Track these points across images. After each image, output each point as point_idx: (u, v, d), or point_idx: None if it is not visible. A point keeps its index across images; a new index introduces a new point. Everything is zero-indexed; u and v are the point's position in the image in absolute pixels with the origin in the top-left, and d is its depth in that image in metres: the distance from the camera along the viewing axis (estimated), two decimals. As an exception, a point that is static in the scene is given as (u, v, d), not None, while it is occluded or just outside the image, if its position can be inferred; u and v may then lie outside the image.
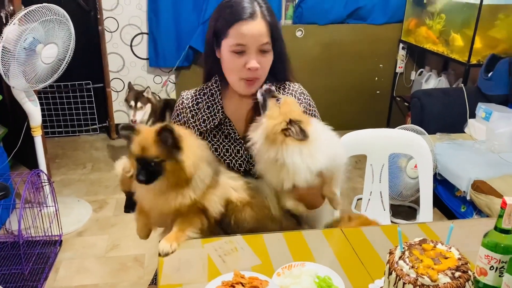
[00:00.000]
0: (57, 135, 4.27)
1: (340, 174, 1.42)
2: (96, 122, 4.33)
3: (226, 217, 1.34)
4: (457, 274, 0.91)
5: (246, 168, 1.48)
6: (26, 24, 2.43)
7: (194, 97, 1.50)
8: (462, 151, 2.85)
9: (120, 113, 4.25)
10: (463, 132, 3.16)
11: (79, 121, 4.31)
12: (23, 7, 2.81)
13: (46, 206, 2.68)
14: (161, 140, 1.18)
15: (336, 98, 4.26)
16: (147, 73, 4.13)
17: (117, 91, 4.22)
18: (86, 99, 4.23)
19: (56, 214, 2.67)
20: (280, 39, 1.43)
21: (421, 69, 4.15)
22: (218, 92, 1.47)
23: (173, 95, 4.20)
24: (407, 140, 1.95)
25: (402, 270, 0.93)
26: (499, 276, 1.03)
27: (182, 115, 1.49)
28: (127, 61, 4.13)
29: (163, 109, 3.52)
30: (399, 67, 4.26)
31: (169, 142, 1.18)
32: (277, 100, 1.35)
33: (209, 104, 1.47)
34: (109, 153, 4.01)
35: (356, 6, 4.04)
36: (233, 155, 1.48)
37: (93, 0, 3.92)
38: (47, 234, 2.62)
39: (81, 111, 4.27)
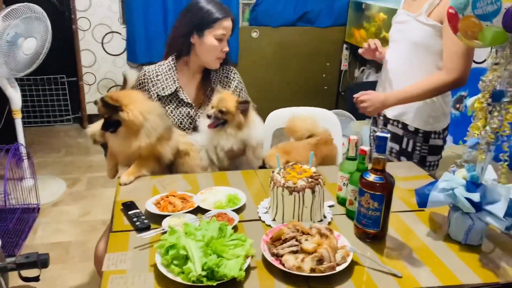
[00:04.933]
0: (33, 125, 4.64)
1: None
2: (70, 113, 4.72)
3: (173, 161, 1.84)
4: (310, 179, 1.40)
5: (194, 126, 1.98)
6: (9, 21, 2.84)
7: (154, 71, 1.98)
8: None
9: (91, 105, 4.65)
10: (390, 118, 3.69)
11: (54, 112, 4.69)
12: (4, 6, 3.21)
13: (25, 178, 3.07)
14: (104, 104, 1.67)
15: (288, 92, 4.77)
16: (117, 68, 4.55)
17: (89, 84, 4.63)
18: (60, 92, 4.62)
19: (34, 186, 3.07)
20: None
21: (363, 67, 4.70)
22: (174, 67, 1.99)
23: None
24: (322, 116, 2.45)
25: (277, 179, 1.42)
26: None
27: (143, 84, 1.97)
28: (98, 57, 4.55)
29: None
30: (343, 65, 4.81)
31: (110, 106, 1.66)
32: None
33: (167, 76, 1.97)
34: (81, 140, 4.41)
35: (304, 11, 4.57)
36: (184, 115, 1.98)
37: (67, 2, 4.33)
38: (26, 203, 3.02)
39: (55, 103, 4.65)
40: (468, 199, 1.29)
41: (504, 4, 1.09)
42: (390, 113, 2.08)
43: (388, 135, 1.29)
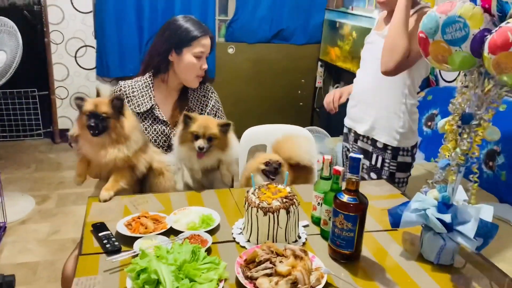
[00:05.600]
0: (1, 139, 4.50)
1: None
2: (41, 127, 4.61)
3: (147, 180, 1.81)
4: (285, 200, 1.39)
5: (168, 144, 1.96)
6: (-22, 33, 2.77)
7: (130, 86, 1.95)
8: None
9: (64, 119, 4.56)
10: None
11: (24, 126, 4.57)
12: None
13: (-8, 196, 2.97)
14: (112, 103, 1.66)
15: (264, 108, 4.79)
16: (90, 82, 4.49)
17: (61, 99, 4.54)
18: (31, 106, 4.51)
19: (1, 203, 2.96)
20: None
21: (337, 84, 4.77)
22: (151, 84, 1.96)
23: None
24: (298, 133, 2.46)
25: (251, 199, 1.41)
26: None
27: None
28: (71, 71, 4.47)
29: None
30: (318, 82, 4.87)
31: (118, 107, 1.67)
32: None
33: (143, 93, 1.95)
34: (52, 155, 4.30)
35: (280, 28, 4.62)
36: (159, 133, 1.95)
37: (40, 15, 4.26)
38: (-9, 221, 2.92)
39: (26, 117, 4.54)
40: (440, 220, 1.31)
41: (472, 30, 1.13)
42: (360, 129, 2.12)
43: (361, 156, 1.30)
